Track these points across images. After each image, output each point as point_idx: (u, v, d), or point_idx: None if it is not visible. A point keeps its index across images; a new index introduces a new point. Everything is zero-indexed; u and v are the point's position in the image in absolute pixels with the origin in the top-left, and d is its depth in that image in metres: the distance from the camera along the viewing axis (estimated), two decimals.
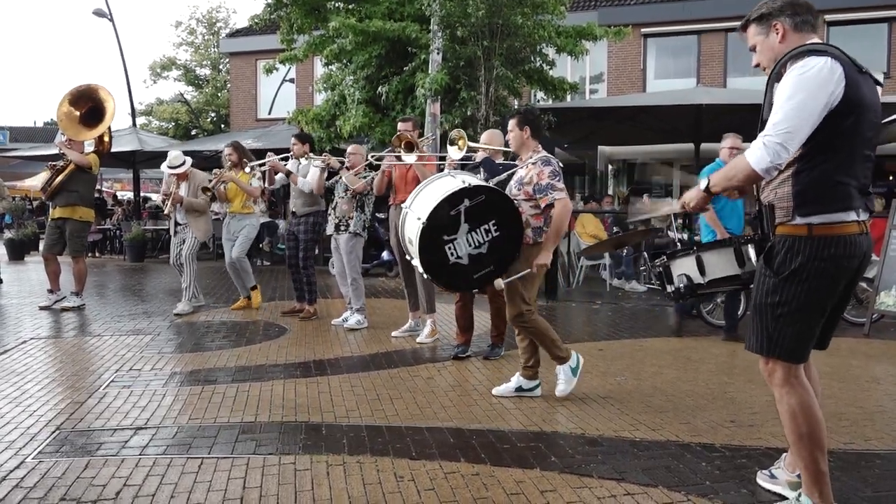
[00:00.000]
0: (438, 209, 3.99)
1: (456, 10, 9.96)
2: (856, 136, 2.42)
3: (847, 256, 2.44)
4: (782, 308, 2.49)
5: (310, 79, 20.05)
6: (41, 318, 6.99)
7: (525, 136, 4.25)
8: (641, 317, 7.66)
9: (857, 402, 4.29)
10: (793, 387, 2.53)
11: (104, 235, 16.31)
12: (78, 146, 7.58)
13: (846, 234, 2.43)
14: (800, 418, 2.51)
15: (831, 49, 2.42)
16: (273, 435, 3.57)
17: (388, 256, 11.51)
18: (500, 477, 3.03)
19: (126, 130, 17.09)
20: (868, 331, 6.53)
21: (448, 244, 4.02)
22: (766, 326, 2.54)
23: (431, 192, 4.20)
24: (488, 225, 4.05)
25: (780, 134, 2.33)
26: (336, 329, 6.58)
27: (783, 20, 2.56)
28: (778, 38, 2.57)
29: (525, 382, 4.34)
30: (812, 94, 2.33)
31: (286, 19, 12.09)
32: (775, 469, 2.97)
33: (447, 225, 4.01)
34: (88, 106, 7.69)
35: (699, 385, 4.67)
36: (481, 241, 4.06)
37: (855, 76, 2.39)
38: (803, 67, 2.37)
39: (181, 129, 30.45)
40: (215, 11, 34.26)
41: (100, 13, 18.76)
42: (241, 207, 7.51)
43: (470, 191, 4.02)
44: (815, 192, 2.42)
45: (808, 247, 2.43)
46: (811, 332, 2.53)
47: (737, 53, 17.62)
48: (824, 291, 2.47)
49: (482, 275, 4.13)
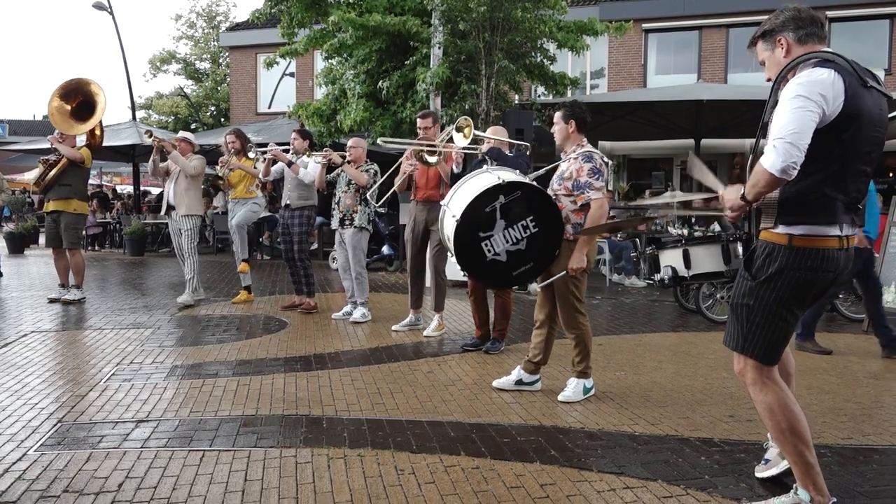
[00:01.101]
0: (473, 206, 3.96)
1: (457, 4, 9.94)
2: (851, 151, 2.42)
3: (823, 270, 2.47)
4: (756, 311, 2.54)
5: (310, 73, 20.03)
6: (42, 312, 7.00)
7: (570, 130, 4.19)
8: (641, 312, 7.68)
9: (856, 398, 4.30)
10: (765, 384, 2.59)
11: (104, 229, 16.32)
12: (70, 140, 7.58)
13: (825, 247, 2.45)
14: (778, 415, 2.55)
15: (839, 60, 2.41)
16: (274, 428, 3.58)
17: (387, 251, 11.53)
18: (500, 470, 3.05)
19: (126, 124, 17.05)
20: (867, 327, 6.53)
21: (484, 241, 3.99)
22: (741, 326, 2.60)
23: (468, 189, 4.17)
24: (526, 221, 4.02)
25: (789, 134, 2.33)
26: (336, 323, 6.60)
27: (786, 35, 2.57)
28: (783, 53, 2.58)
29: (526, 376, 4.36)
30: (812, 102, 2.33)
31: (286, 13, 12.07)
32: (766, 453, 3.03)
33: (483, 222, 3.98)
34: (79, 100, 7.65)
35: (698, 380, 4.69)
36: (519, 237, 4.02)
37: (858, 90, 2.38)
38: (809, 76, 2.37)
39: (181, 122, 30.38)
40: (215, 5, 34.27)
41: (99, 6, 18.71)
42: (245, 192, 7.56)
43: (505, 187, 3.99)
44: (801, 202, 2.44)
45: (786, 256, 2.47)
46: (784, 335, 2.58)
47: (738, 49, 17.59)
48: (796, 300, 2.51)
49: (522, 272, 4.10)
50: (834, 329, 6.50)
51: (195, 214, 7.55)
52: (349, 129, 11.43)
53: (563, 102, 4.33)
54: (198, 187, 7.70)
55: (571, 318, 4.17)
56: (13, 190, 21.05)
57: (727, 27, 17.48)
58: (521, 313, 7.33)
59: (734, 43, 17.60)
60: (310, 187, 6.94)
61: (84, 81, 7.73)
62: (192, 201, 7.52)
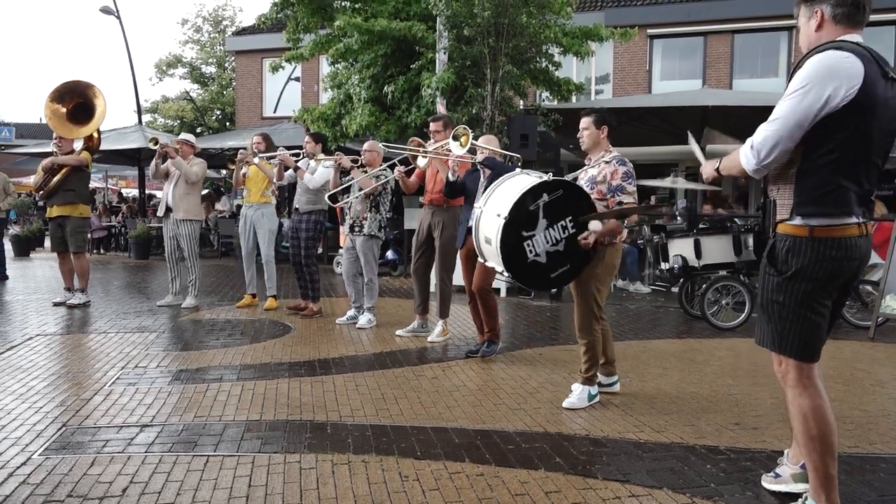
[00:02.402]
0: (520, 203, 3.90)
1: (462, 9, 9.96)
2: (866, 141, 2.39)
3: (848, 259, 2.45)
4: (787, 308, 2.51)
5: (315, 77, 20.08)
6: (47, 315, 7.01)
7: (602, 136, 4.24)
8: (645, 318, 7.66)
9: (862, 406, 4.28)
10: (805, 388, 2.54)
11: (109, 232, 16.36)
12: (67, 144, 7.59)
13: (846, 235, 2.43)
14: (811, 421, 2.51)
15: (860, 49, 2.35)
16: (278, 433, 3.58)
17: (392, 256, 11.53)
18: (504, 477, 3.04)
19: (132, 128, 17.13)
20: (873, 334, 6.51)
21: (526, 240, 3.94)
22: (774, 324, 2.56)
23: (508, 188, 4.12)
24: (565, 221, 3.98)
25: (765, 139, 2.38)
26: (341, 328, 6.59)
27: (824, 7, 2.47)
28: (815, 25, 2.50)
29: (604, 378, 4.38)
30: (815, 86, 2.30)
31: (293, 18, 12.11)
32: (779, 468, 2.98)
33: (526, 221, 3.93)
34: (75, 102, 7.62)
35: (703, 387, 4.67)
36: (558, 237, 3.99)
37: (877, 79, 2.32)
38: (823, 58, 2.34)
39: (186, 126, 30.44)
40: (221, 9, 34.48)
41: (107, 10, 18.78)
42: (260, 196, 7.52)
43: (549, 185, 3.96)
44: (816, 193, 2.42)
45: (810, 248, 2.44)
46: (819, 330, 2.53)
47: (743, 55, 17.59)
48: (824, 290, 2.48)
49: (559, 273, 4.06)
50: (840, 336, 6.47)
51: (194, 219, 7.59)
52: (354, 134, 11.46)
53: (593, 108, 4.35)
54: (197, 192, 7.74)
55: (587, 321, 4.17)
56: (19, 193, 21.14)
57: (732, 33, 17.46)
58: (525, 318, 7.32)
59: (739, 49, 17.58)
60: (318, 192, 6.94)
61: (82, 84, 7.69)
62: (190, 206, 7.56)
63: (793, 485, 2.84)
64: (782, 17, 16.68)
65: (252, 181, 7.51)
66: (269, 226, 7.50)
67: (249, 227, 7.53)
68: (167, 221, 7.64)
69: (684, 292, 7.71)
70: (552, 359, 5.46)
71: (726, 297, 6.99)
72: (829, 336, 2.69)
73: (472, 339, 5.99)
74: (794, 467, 2.86)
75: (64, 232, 7.53)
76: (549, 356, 5.56)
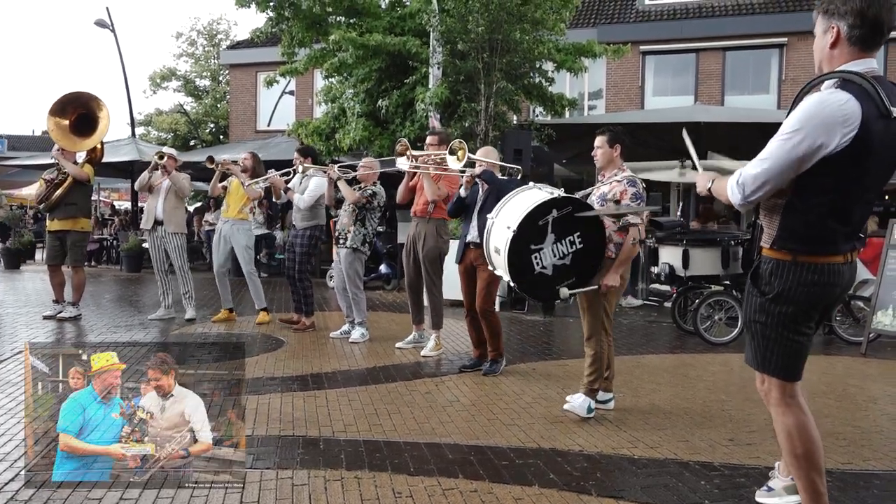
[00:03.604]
0: (528, 218, 4.03)
1: (456, 25, 10.03)
2: (859, 185, 2.37)
3: (830, 284, 2.45)
4: (769, 328, 2.52)
5: (309, 91, 20.11)
6: (37, 328, 6.96)
7: (615, 154, 4.32)
8: (638, 333, 7.66)
9: (855, 422, 4.28)
10: (788, 406, 2.55)
11: (101, 245, 16.29)
12: (70, 156, 7.58)
13: (830, 262, 2.43)
14: (796, 439, 2.52)
15: (866, 85, 2.27)
16: (270, 449, 3.55)
17: (385, 269, 11.52)
18: (498, 494, 3.02)
19: (125, 140, 17.09)
20: (865, 350, 6.53)
21: (534, 253, 4.07)
22: (757, 343, 2.58)
23: (519, 202, 4.24)
24: (573, 237, 4.10)
25: (754, 178, 2.35)
26: (334, 342, 6.57)
27: (841, 25, 2.36)
28: (830, 41, 2.40)
29: (602, 394, 4.39)
30: (809, 134, 2.26)
31: (287, 32, 12.15)
32: (771, 481, 2.99)
33: (535, 234, 4.06)
34: (78, 113, 7.61)
35: (697, 403, 4.67)
36: (566, 252, 4.10)
37: (874, 121, 2.25)
38: (819, 104, 2.28)
39: (180, 139, 30.49)
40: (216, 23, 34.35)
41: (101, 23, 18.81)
42: (237, 213, 7.50)
43: (558, 201, 4.08)
44: (803, 231, 2.42)
45: (792, 272, 2.44)
46: (802, 350, 2.55)
47: (735, 72, 17.75)
48: (805, 314, 2.49)
49: (566, 286, 4.17)
50: (832, 352, 6.49)
51: (183, 232, 7.67)
52: (348, 148, 11.47)
53: (608, 126, 4.44)
54: (183, 205, 7.82)
55: (595, 330, 4.22)
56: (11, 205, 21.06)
57: (724, 50, 17.63)
58: (519, 333, 7.31)
59: (731, 65, 17.75)
60: (314, 209, 6.95)
61: (84, 95, 7.69)
62: (179, 219, 7.64)
63: (786, 497, 2.85)
64: (773, 34, 16.88)
65: (232, 197, 7.52)
66: (245, 241, 7.49)
67: (224, 241, 7.50)
68: (153, 234, 7.62)
69: (677, 307, 7.73)
70: (546, 374, 5.45)
71: (719, 312, 7.00)
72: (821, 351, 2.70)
73: (465, 353, 5.97)
74: (786, 479, 2.87)
75: (64, 246, 7.50)
76: (543, 371, 5.55)
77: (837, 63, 2.40)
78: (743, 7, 17.67)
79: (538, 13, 10.29)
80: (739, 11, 17.56)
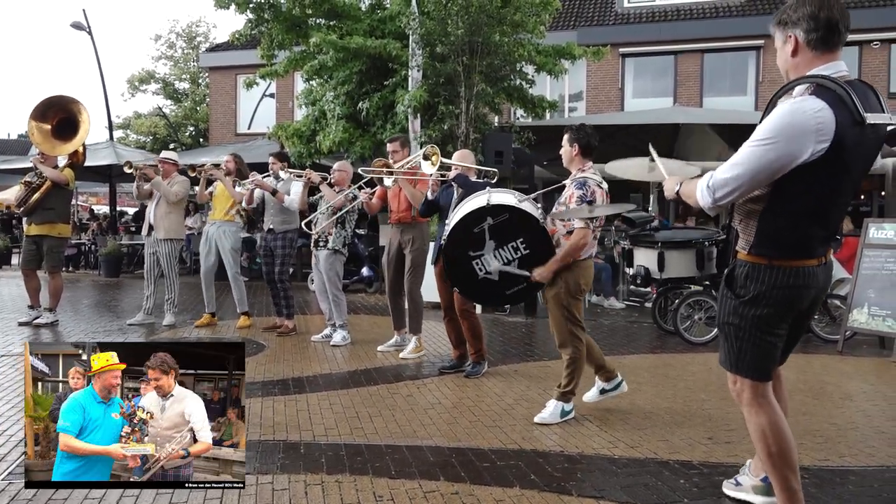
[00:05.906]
0: (457, 228, 4.15)
1: (436, 28, 10.04)
2: (835, 191, 2.38)
3: (805, 287, 2.47)
4: (743, 329, 2.54)
5: (290, 94, 20.04)
6: (13, 335, 6.86)
7: (574, 153, 4.24)
8: (619, 333, 7.71)
9: (831, 419, 4.34)
10: (760, 406, 2.58)
11: (79, 250, 16.09)
12: (51, 160, 7.48)
13: (805, 266, 2.46)
14: (769, 437, 2.55)
15: (840, 91, 2.26)
16: (250, 454, 3.52)
17: (367, 272, 11.49)
18: (479, 495, 3.02)
19: (103, 144, 16.92)
20: (841, 348, 6.62)
21: (475, 259, 4.12)
22: (730, 345, 2.60)
23: (459, 210, 4.34)
24: (516, 243, 4.11)
25: (724, 182, 2.36)
26: (315, 345, 6.54)
27: (797, 32, 2.38)
28: (790, 50, 2.42)
29: (606, 384, 4.44)
30: (782, 143, 2.26)
31: (267, 35, 12.10)
32: (740, 476, 3.04)
33: (473, 241, 4.12)
34: (59, 117, 7.48)
35: (677, 402, 4.71)
36: (510, 257, 4.13)
37: (848, 130, 2.24)
38: (793, 113, 2.27)
39: (159, 142, 30.17)
40: (195, 26, 34.01)
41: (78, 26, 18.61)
42: (224, 215, 7.45)
43: (490, 209, 4.11)
44: (779, 237, 2.43)
45: (768, 275, 2.47)
46: (774, 351, 2.58)
47: (713, 74, 17.95)
48: (779, 317, 2.52)
49: (515, 291, 4.24)
50: (809, 350, 6.57)
51: (175, 238, 7.52)
52: (328, 151, 11.44)
53: (572, 125, 4.34)
54: (180, 211, 7.67)
55: (564, 336, 4.19)
56: None
57: (702, 52, 17.82)
58: (500, 334, 7.32)
59: (709, 68, 17.94)
60: (291, 212, 6.92)
61: (65, 98, 7.58)
62: (171, 225, 7.48)
63: (753, 496, 2.90)
64: (750, 37, 17.08)
65: (218, 199, 7.47)
66: (232, 244, 7.43)
67: (212, 244, 7.45)
68: (148, 240, 7.59)
69: (658, 307, 7.78)
70: (527, 375, 5.46)
71: (699, 311, 7.06)
72: (798, 349, 2.73)
73: (445, 355, 5.97)
74: (755, 479, 2.92)
75: (40, 250, 7.41)
76: (525, 372, 5.56)
77: (804, 70, 2.40)
78: (720, 10, 17.86)
79: (518, 16, 10.34)
80: (717, 14, 17.76)
